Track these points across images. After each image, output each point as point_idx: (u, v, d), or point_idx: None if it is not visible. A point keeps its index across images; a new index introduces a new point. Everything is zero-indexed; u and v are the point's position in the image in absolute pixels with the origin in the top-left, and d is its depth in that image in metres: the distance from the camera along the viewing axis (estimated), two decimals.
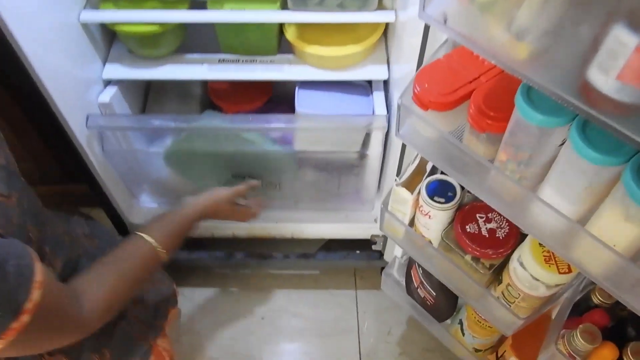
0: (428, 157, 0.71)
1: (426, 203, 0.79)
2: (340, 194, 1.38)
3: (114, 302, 0.76)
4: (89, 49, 1.13)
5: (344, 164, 1.28)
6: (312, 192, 1.38)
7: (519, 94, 0.55)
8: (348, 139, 1.21)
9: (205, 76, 1.16)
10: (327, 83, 1.21)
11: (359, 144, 1.21)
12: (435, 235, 0.84)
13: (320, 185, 1.35)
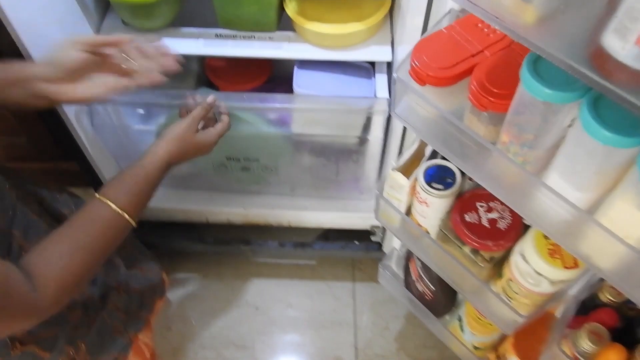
0: (425, 137, 0.65)
1: (423, 189, 0.74)
2: (338, 181, 1.33)
3: (72, 279, 0.67)
4: (81, 19, 1.08)
5: (342, 149, 1.23)
6: (309, 178, 1.33)
7: (525, 65, 0.49)
8: (348, 123, 1.16)
9: (200, 51, 1.10)
10: (327, 63, 1.15)
11: (359, 128, 1.16)
12: (433, 224, 0.79)
13: (317, 171, 1.30)
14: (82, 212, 0.72)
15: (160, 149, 0.81)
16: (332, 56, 1.10)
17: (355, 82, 1.15)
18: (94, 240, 0.71)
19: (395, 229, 0.86)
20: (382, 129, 1.13)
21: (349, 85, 1.14)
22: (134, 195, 0.75)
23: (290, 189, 1.36)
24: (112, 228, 0.73)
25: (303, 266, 1.50)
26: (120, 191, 0.75)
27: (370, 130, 1.15)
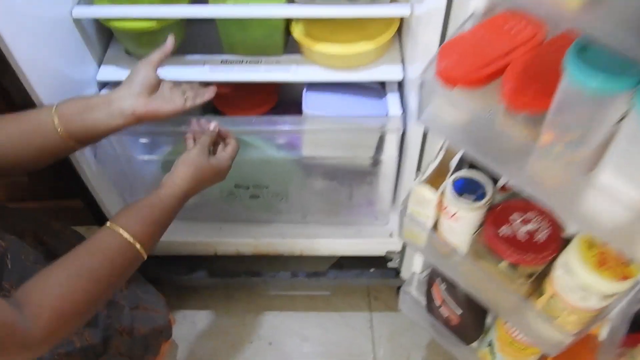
0: (456, 143, 0.61)
1: (453, 202, 0.70)
2: (352, 206, 1.29)
3: (71, 309, 0.60)
4: (83, 50, 1.06)
5: (356, 171, 1.19)
6: (321, 204, 1.28)
7: (570, 56, 0.46)
8: (360, 143, 1.12)
9: (206, 77, 1.07)
10: (337, 85, 1.13)
11: (372, 148, 1.12)
12: (463, 240, 0.74)
13: (330, 196, 1.26)
14: (89, 240, 0.68)
15: (177, 178, 0.80)
16: (342, 77, 1.07)
17: (366, 103, 1.12)
18: (99, 268, 0.65)
19: (421, 247, 0.81)
20: (396, 148, 1.09)
21: (359, 105, 1.11)
22: (147, 225, 0.71)
23: (302, 216, 1.32)
24: (121, 257, 0.68)
25: (317, 297, 1.44)
26: (132, 219, 0.71)
27: (384, 150, 1.11)
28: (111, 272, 0.67)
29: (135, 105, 0.80)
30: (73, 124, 0.78)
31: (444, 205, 0.72)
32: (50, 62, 0.96)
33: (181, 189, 0.79)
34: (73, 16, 0.99)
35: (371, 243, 1.32)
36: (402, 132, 1.06)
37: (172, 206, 0.76)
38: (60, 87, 0.98)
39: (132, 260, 0.70)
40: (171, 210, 0.76)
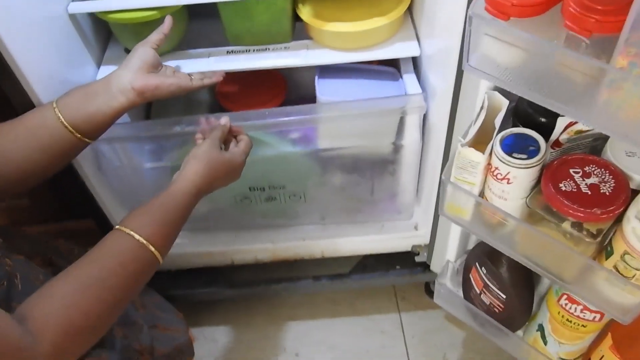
0: (514, 87, 0.55)
1: (504, 162, 0.63)
2: (374, 202, 1.21)
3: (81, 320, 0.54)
4: (81, 51, 1.00)
5: (376, 160, 1.12)
6: (341, 202, 1.21)
7: None
8: (380, 128, 1.05)
9: (211, 67, 1.01)
10: (350, 71, 1.07)
11: (392, 133, 1.05)
12: (517, 205, 0.67)
13: (350, 191, 1.18)
14: (98, 246, 0.61)
15: (188, 173, 0.73)
16: (355, 57, 1.01)
17: (382, 86, 1.05)
18: (111, 275, 0.58)
19: (467, 221, 0.74)
20: (418, 131, 1.02)
21: (375, 89, 1.04)
22: (160, 225, 0.65)
23: (321, 217, 1.24)
24: (135, 262, 0.61)
25: (341, 302, 1.36)
26: (144, 220, 0.64)
27: (405, 135, 1.04)
28: (125, 279, 0.60)
29: (133, 79, 0.76)
30: (77, 115, 0.73)
31: (493, 168, 0.65)
32: (49, 63, 0.90)
33: (194, 184, 0.72)
34: (69, 11, 0.93)
35: (395, 239, 1.24)
36: (424, 113, 0.99)
37: (185, 204, 0.70)
38: (60, 89, 0.91)
39: (147, 264, 0.63)
40: (184, 208, 0.70)
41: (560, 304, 0.82)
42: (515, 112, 0.68)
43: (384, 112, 0.99)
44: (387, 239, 1.25)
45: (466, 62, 0.55)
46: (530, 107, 0.66)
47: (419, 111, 0.98)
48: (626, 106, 0.47)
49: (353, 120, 1.01)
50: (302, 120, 0.99)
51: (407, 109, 0.98)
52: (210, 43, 1.05)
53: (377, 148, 1.09)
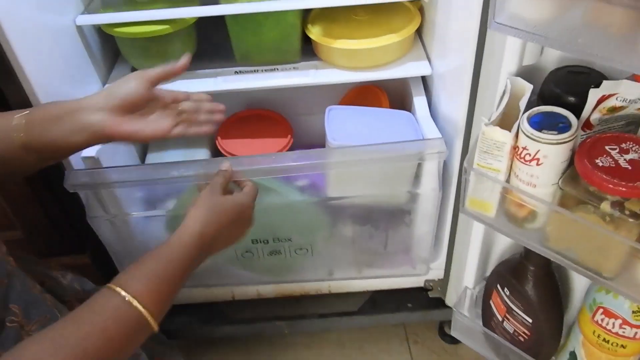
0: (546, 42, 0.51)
1: (533, 138, 0.59)
2: (387, 255, 1.11)
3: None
4: (88, 68, 0.99)
5: (392, 210, 1.02)
6: (351, 255, 1.11)
7: None
8: (395, 175, 0.96)
9: (219, 88, 0.99)
10: (363, 114, 1.00)
11: (409, 181, 0.96)
12: (548, 192, 0.62)
13: (362, 244, 1.08)
14: (84, 304, 0.55)
15: (187, 221, 0.64)
16: (365, 77, 1.00)
17: (397, 130, 0.96)
18: (90, 336, 0.51)
19: (492, 218, 0.69)
20: (438, 178, 0.92)
21: (390, 133, 0.96)
22: (153, 281, 0.57)
23: (329, 272, 1.13)
24: (118, 321, 0.54)
25: (349, 345, 1.26)
26: (134, 275, 0.57)
27: (423, 182, 0.95)
28: (106, 342, 0.52)
29: (105, 121, 0.64)
30: (34, 133, 0.63)
31: (520, 149, 0.61)
32: (55, 76, 0.88)
33: (195, 233, 0.63)
34: (77, 23, 0.92)
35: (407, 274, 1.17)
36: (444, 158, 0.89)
37: (185, 256, 0.61)
38: None
39: (134, 325, 0.55)
40: (184, 261, 0.61)
41: (596, 320, 0.75)
42: (541, 95, 0.65)
43: (400, 157, 0.89)
44: (397, 274, 1.17)
45: (493, 19, 0.53)
46: (557, 87, 0.63)
47: (439, 157, 0.88)
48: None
49: (366, 166, 0.92)
50: (311, 166, 0.90)
51: (426, 155, 0.88)
52: (219, 63, 1.04)
53: (392, 197, 1.00)
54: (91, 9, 0.95)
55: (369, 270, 1.14)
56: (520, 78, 0.65)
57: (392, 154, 0.89)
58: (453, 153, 0.91)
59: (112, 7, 0.94)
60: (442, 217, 1.02)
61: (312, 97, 1.16)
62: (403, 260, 1.12)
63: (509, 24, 0.52)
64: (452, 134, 0.91)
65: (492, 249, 0.94)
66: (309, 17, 1.02)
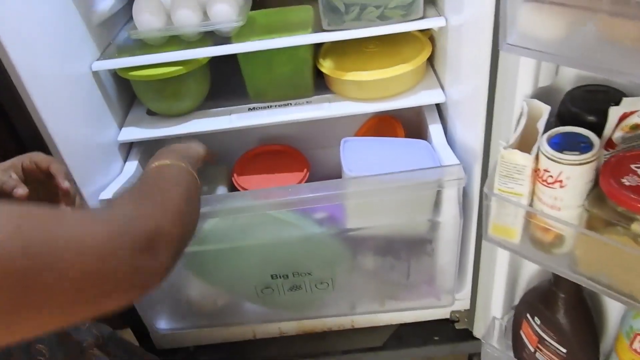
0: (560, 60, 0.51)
1: (555, 160, 0.57)
2: (410, 286, 1.08)
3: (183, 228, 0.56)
4: (104, 112, 1.00)
5: (413, 239, 1.01)
6: (373, 288, 1.09)
7: None
8: (415, 204, 0.95)
9: (233, 125, 1.00)
10: (377, 145, 1.00)
11: (429, 209, 0.95)
12: (573, 214, 0.60)
13: (384, 276, 1.06)
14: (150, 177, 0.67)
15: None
16: (379, 107, 1.00)
17: (414, 158, 0.95)
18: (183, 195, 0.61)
19: (516, 244, 0.66)
20: (457, 205, 0.91)
21: (406, 161, 0.94)
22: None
23: (351, 306, 1.11)
24: (193, 188, 0.67)
25: None
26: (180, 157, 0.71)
27: (443, 210, 0.94)
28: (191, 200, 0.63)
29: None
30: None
31: (542, 171, 0.59)
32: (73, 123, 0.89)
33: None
34: (93, 69, 0.94)
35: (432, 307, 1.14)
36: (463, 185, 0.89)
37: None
38: (81, 149, 0.91)
39: (195, 187, 0.68)
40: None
41: (634, 348, 0.71)
42: (559, 115, 0.64)
43: (419, 185, 0.89)
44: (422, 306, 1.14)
45: (504, 41, 0.52)
46: (575, 106, 0.62)
47: (458, 183, 0.88)
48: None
49: (384, 195, 0.91)
50: (328, 197, 0.90)
51: (445, 182, 0.88)
52: (232, 100, 1.05)
53: (412, 226, 0.99)
54: (107, 54, 0.97)
55: (393, 303, 1.11)
56: (536, 100, 0.64)
57: (410, 182, 0.89)
58: (472, 179, 0.90)
59: (127, 52, 0.96)
60: (465, 245, 1.00)
61: (327, 130, 1.16)
62: (427, 292, 1.09)
63: (520, 44, 0.51)
64: (470, 160, 0.90)
65: (519, 276, 0.91)
66: (320, 52, 1.03)
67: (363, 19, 0.92)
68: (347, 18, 0.92)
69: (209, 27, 0.93)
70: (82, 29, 0.94)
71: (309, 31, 0.93)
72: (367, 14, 0.91)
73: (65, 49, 0.87)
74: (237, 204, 0.90)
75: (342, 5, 0.90)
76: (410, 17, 0.92)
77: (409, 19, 0.92)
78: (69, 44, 0.89)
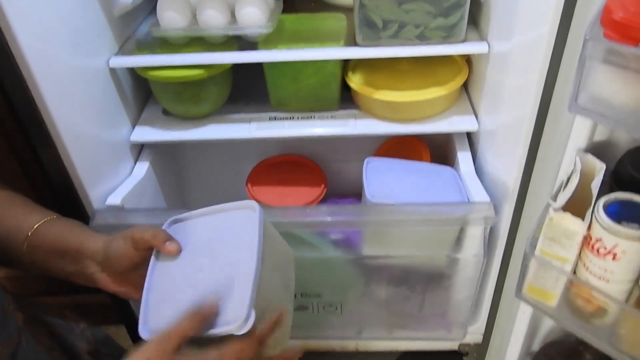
0: (635, 130, 0.45)
1: (611, 232, 0.52)
2: (421, 318, 1.05)
3: None
4: (118, 110, 0.95)
5: (430, 273, 0.97)
6: (383, 316, 1.05)
7: None
8: (437, 238, 0.90)
9: (253, 135, 0.95)
10: (403, 168, 0.95)
11: (450, 244, 0.90)
12: (622, 289, 0.55)
13: (396, 306, 1.03)
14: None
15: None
16: (407, 130, 0.95)
17: (440, 188, 0.91)
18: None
19: (553, 309, 0.62)
20: (482, 244, 0.87)
21: (432, 191, 0.90)
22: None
23: (357, 331, 1.08)
24: None
25: None
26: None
27: (465, 247, 0.89)
28: None
29: (98, 279, 0.65)
30: (37, 254, 0.64)
31: (594, 240, 0.54)
32: (84, 119, 0.84)
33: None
34: (110, 65, 0.88)
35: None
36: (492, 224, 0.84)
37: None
38: (91, 149, 0.86)
39: None
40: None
41: None
42: (615, 176, 0.58)
43: (444, 221, 0.84)
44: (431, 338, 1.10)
45: (574, 100, 0.47)
46: (635, 170, 0.56)
47: (485, 222, 0.83)
48: None
49: (406, 227, 0.86)
50: (347, 223, 0.86)
51: (471, 219, 0.84)
52: (253, 107, 1.00)
53: (431, 259, 0.95)
54: (125, 49, 0.92)
55: (401, 332, 1.07)
56: (591, 155, 0.59)
57: (435, 216, 0.84)
58: (501, 217, 0.85)
59: (147, 49, 0.91)
60: (485, 281, 0.96)
61: (348, 144, 1.11)
62: (438, 324, 1.05)
63: (590, 107, 0.46)
64: (499, 196, 0.85)
65: (542, 323, 0.87)
66: (350, 65, 0.97)
67: (400, 37, 0.86)
68: (383, 35, 0.86)
69: (236, 31, 0.87)
70: (102, 21, 0.89)
71: (341, 44, 0.88)
72: (406, 32, 0.85)
73: (81, 41, 0.82)
74: None
75: (380, 21, 0.85)
76: (451, 39, 0.86)
77: (449, 42, 0.86)
78: (86, 36, 0.84)
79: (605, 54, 0.43)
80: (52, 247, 0.64)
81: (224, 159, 1.19)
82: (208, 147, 1.17)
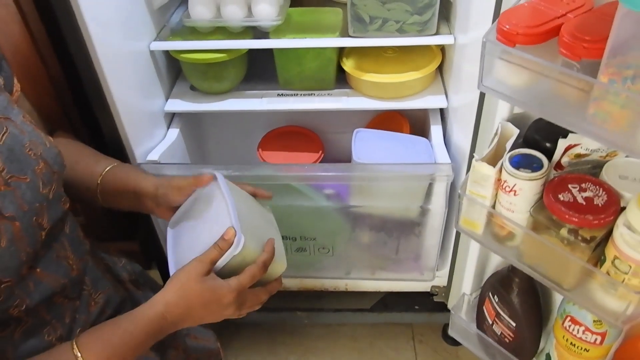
0: (521, 104, 0.67)
1: (511, 175, 0.74)
2: (398, 261, 1.28)
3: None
4: (156, 85, 1.16)
5: (403, 221, 1.20)
6: (366, 258, 1.29)
7: None
8: (410, 192, 1.13)
9: (264, 107, 1.17)
10: (385, 138, 1.17)
11: (421, 197, 1.13)
12: (523, 217, 0.77)
13: (376, 249, 1.26)
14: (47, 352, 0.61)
15: (158, 299, 0.66)
16: (390, 106, 1.16)
17: (414, 153, 1.13)
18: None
19: (480, 235, 0.84)
20: (444, 197, 1.08)
21: (408, 156, 1.12)
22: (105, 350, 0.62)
23: (346, 272, 1.31)
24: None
25: (361, 339, 1.42)
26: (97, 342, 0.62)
27: (432, 200, 1.12)
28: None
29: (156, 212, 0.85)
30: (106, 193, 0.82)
31: (502, 181, 0.76)
32: (132, 92, 1.06)
33: (157, 312, 0.64)
34: (150, 48, 1.10)
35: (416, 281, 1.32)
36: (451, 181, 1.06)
37: (143, 332, 0.64)
38: (135, 117, 1.07)
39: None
40: (141, 336, 0.64)
41: (565, 326, 0.89)
42: (524, 139, 0.80)
43: (413, 177, 1.07)
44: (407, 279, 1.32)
45: (481, 83, 0.68)
46: (536, 134, 0.78)
47: (447, 179, 1.05)
48: (609, 118, 0.58)
49: (384, 182, 1.11)
50: (337, 177, 1.09)
51: (436, 177, 1.06)
52: (264, 85, 1.22)
53: (405, 210, 1.17)
54: (162, 36, 1.14)
55: (382, 273, 1.30)
56: (509, 123, 0.80)
57: (406, 173, 1.07)
58: (460, 177, 1.07)
59: (179, 35, 1.13)
60: (448, 232, 1.18)
61: (342, 118, 1.33)
62: (412, 267, 1.28)
63: (493, 87, 0.67)
64: (460, 160, 1.07)
65: (487, 262, 1.09)
66: (344, 52, 1.19)
67: (384, 30, 1.07)
68: (370, 28, 1.07)
69: (252, 23, 1.09)
70: (144, 11, 1.10)
71: (337, 35, 1.09)
72: (388, 26, 1.06)
73: (129, 28, 1.03)
74: (262, 173, 1.09)
75: (367, 17, 1.06)
76: (425, 32, 1.07)
77: (423, 34, 1.07)
78: (133, 24, 1.05)
79: (499, 53, 0.65)
80: (117, 188, 0.82)
81: (239, 127, 1.42)
82: (227, 118, 1.40)
